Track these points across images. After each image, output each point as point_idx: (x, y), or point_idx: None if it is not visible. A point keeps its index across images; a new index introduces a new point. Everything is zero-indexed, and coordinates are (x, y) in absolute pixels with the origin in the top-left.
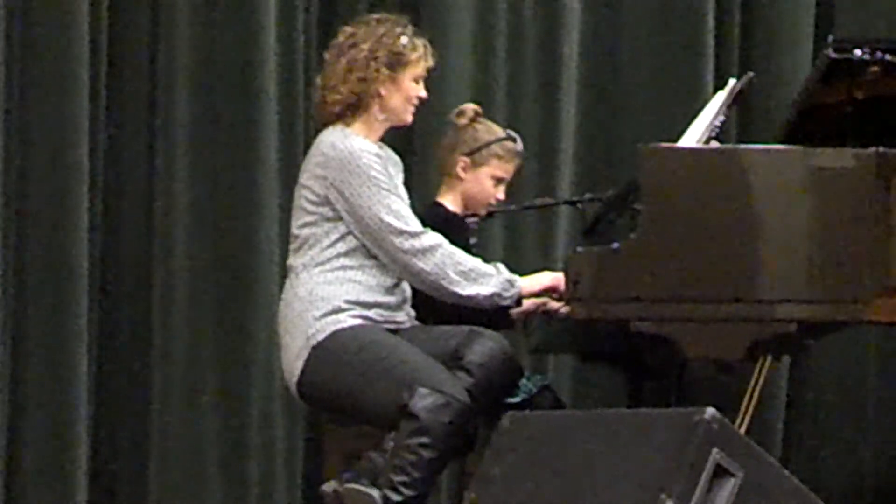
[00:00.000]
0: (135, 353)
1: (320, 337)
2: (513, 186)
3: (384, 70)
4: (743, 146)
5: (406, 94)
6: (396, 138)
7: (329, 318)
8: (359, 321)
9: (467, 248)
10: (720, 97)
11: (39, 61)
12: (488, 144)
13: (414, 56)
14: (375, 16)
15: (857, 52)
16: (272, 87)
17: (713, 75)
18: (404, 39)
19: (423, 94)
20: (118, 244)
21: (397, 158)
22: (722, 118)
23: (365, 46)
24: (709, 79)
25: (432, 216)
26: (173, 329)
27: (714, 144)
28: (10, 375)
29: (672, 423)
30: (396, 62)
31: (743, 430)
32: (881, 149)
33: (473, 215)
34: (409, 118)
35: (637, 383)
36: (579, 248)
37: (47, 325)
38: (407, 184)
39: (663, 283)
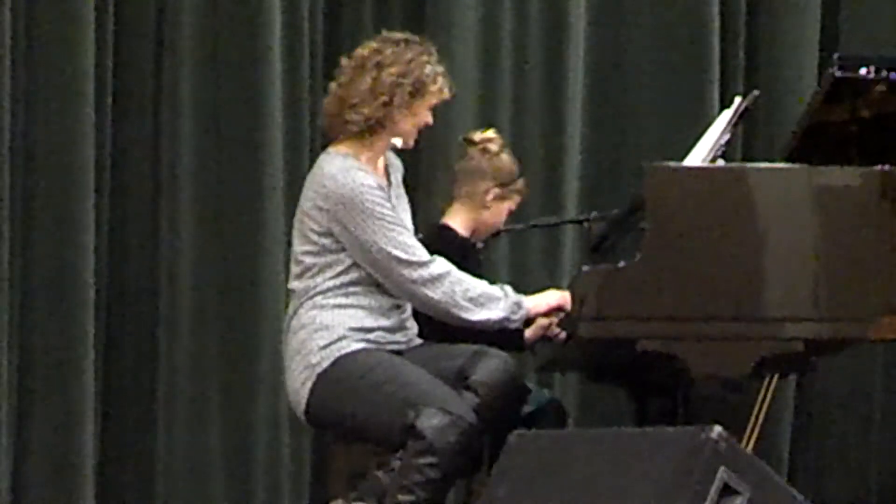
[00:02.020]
0: (140, 371)
1: (325, 365)
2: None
3: (407, 98)
4: (748, 165)
5: (418, 121)
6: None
7: (333, 347)
8: (362, 345)
9: (478, 272)
10: (725, 116)
11: (44, 73)
12: (516, 179)
13: (435, 88)
14: (401, 36)
15: (862, 70)
16: (277, 102)
17: (718, 94)
18: (428, 69)
19: (430, 121)
20: (124, 260)
21: (398, 163)
22: (727, 137)
23: (393, 70)
24: (714, 97)
25: (443, 240)
26: (179, 346)
27: (719, 163)
28: (17, 391)
29: (678, 442)
30: (418, 91)
31: (749, 448)
32: (886, 167)
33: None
34: (412, 144)
35: (643, 402)
36: (585, 267)
37: (53, 339)
38: (412, 192)
39: (669, 301)
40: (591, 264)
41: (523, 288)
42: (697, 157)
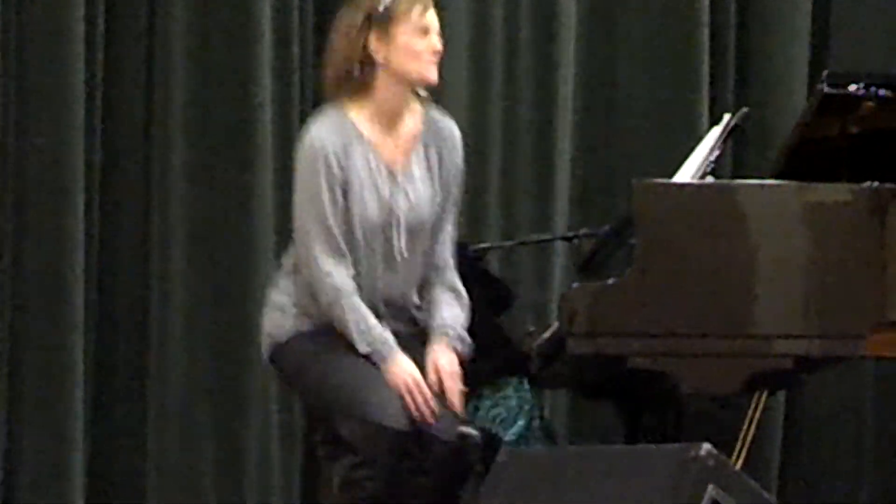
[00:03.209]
0: (131, 383)
1: (280, 339)
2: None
3: (371, 34)
4: (738, 181)
5: (409, 49)
6: None
7: (280, 329)
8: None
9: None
10: (715, 132)
11: (34, 75)
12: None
13: (402, 8)
14: None
15: (852, 86)
16: (267, 110)
17: (708, 111)
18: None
19: (438, 46)
20: (114, 273)
21: (449, 132)
22: (717, 153)
23: (345, 19)
24: (704, 114)
25: None
26: (169, 354)
27: (709, 180)
28: (6, 401)
29: (668, 459)
30: (381, 20)
31: (739, 464)
32: (876, 183)
33: None
34: (430, 75)
35: (634, 418)
36: (575, 284)
37: (43, 351)
38: None
39: (659, 318)
40: (581, 281)
41: (514, 305)
42: (687, 173)
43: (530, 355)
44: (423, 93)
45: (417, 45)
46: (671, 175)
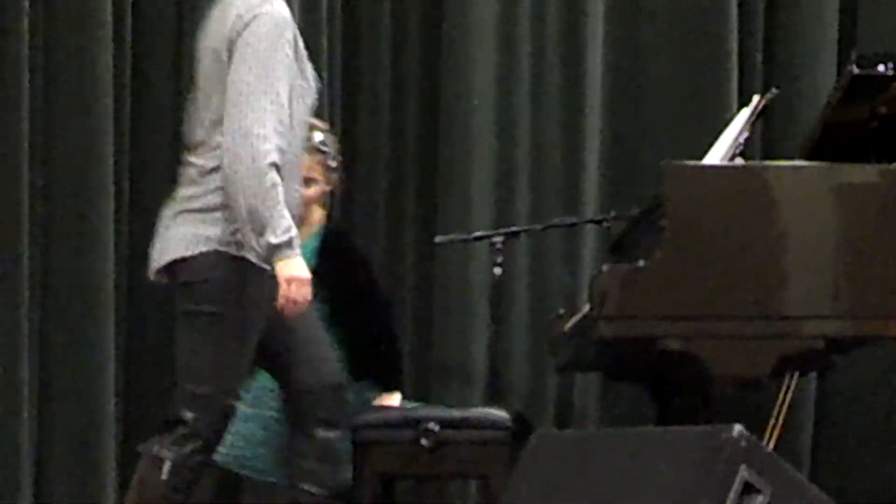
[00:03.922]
0: (160, 375)
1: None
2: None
3: None
4: (767, 163)
5: None
6: (420, 163)
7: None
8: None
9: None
10: (744, 114)
11: (64, 82)
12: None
13: None
14: None
15: (881, 67)
16: None
17: (737, 92)
18: None
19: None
20: (143, 266)
21: None
22: (746, 135)
23: None
24: (733, 95)
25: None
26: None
27: (738, 161)
28: (37, 395)
29: (699, 441)
30: None
31: (771, 446)
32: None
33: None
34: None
35: (664, 401)
36: (605, 267)
37: (74, 344)
38: (431, 209)
39: (688, 300)
40: (611, 264)
41: (544, 288)
42: (716, 155)
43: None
44: None
45: None
46: (700, 157)
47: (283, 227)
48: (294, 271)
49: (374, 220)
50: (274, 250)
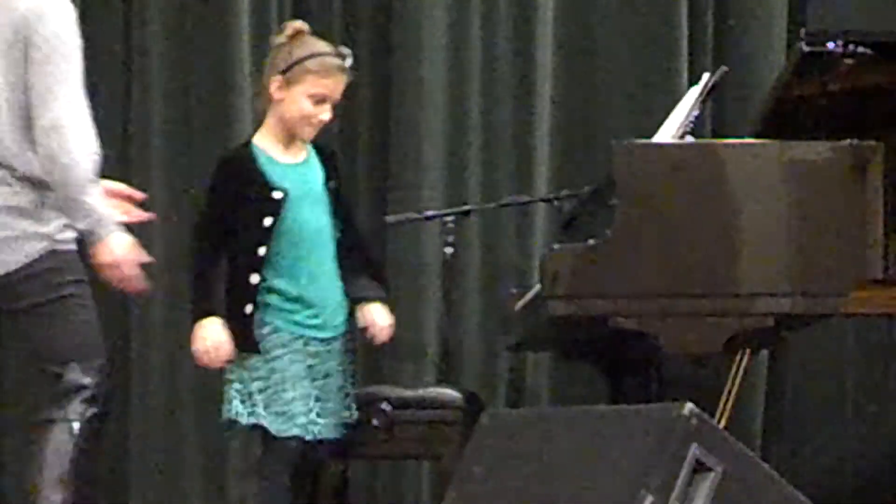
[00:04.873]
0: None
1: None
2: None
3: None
4: (718, 141)
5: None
6: (371, 142)
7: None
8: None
9: (264, 188)
10: (694, 92)
11: None
12: (301, 60)
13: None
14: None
15: (830, 44)
16: (246, 104)
17: (687, 70)
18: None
19: (326, 116)
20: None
21: None
22: (696, 113)
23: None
24: (683, 74)
25: (221, 157)
26: (151, 354)
27: (689, 139)
28: None
29: (651, 419)
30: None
31: (722, 424)
32: (856, 141)
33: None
34: (305, 135)
35: (616, 380)
36: (556, 245)
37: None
38: (382, 188)
39: (640, 278)
40: (562, 242)
41: (496, 267)
42: (666, 133)
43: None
44: None
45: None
46: (651, 135)
47: (105, 213)
48: (110, 255)
49: None
50: (91, 235)
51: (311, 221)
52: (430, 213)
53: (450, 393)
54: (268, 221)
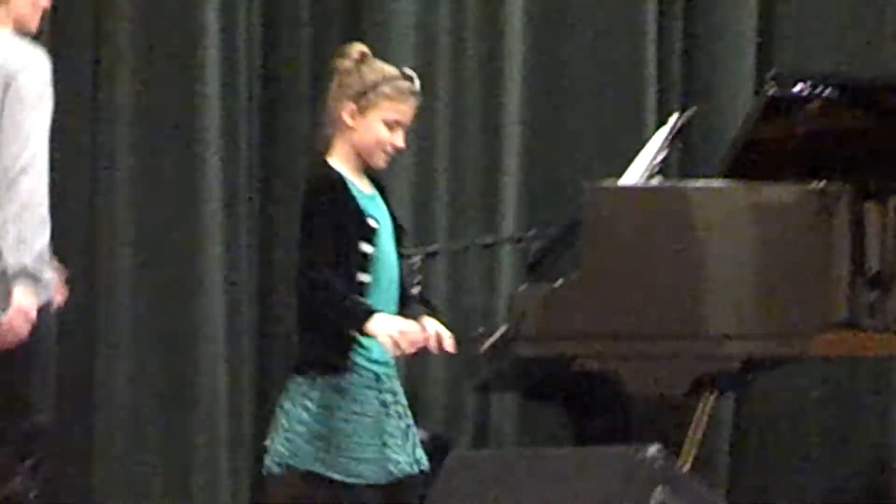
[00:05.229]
0: (78, 382)
1: None
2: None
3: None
4: (685, 183)
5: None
6: None
7: None
8: None
9: (360, 215)
10: (662, 133)
11: None
12: (375, 85)
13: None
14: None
15: (798, 87)
16: (215, 115)
17: (656, 111)
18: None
19: (400, 143)
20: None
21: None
22: (664, 154)
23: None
24: (651, 115)
25: (318, 179)
26: (117, 357)
27: (657, 180)
28: None
29: (616, 461)
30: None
31: (688, 465)
32: (823, 183)
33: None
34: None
35: (582, 421)
36: (523, 286)
37: None
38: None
39: (606, 319)
40: (529, 282)
41: (461, 307)
42: (634, 174)
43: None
44: None
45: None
46: (619, 175)
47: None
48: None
49: (291, 237)
50: (22, 279)
51: (390, 253)
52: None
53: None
54: (367, 248)
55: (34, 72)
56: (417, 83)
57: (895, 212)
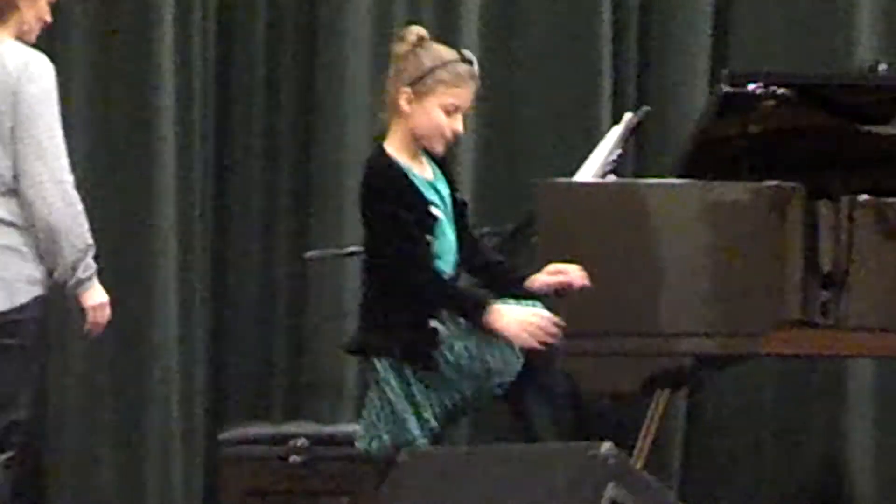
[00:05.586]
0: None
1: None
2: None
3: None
4: (639, 180)
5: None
6: (294, 177)
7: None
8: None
9: (422, 204)
10: (616, 131)
11: None
12: (432, 70)
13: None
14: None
15: (751, 85)
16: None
17: (610, 110)
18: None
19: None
20: None
21: None
22: (619, 152)
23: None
24: (605, 113)
25: (378, 174)
26: (69, 354)
27: (611, 178)
28: None
29: (568, 458)
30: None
31: (640, 463)
32: (776, 182)
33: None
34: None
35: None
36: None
37: None
38: (305, 223)
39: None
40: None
41: None
42: (588, 172)
43: None
44: None
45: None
46: (573, 174)
47: (91, 263)
48: (99, 298)
49: (247, 234)
50: (83, 283)
51: (450, 237)
52: (350, 249)
53: None
54: (430, 238)
55: (44, 78)
56: (476, 66)
57: (847, 210)
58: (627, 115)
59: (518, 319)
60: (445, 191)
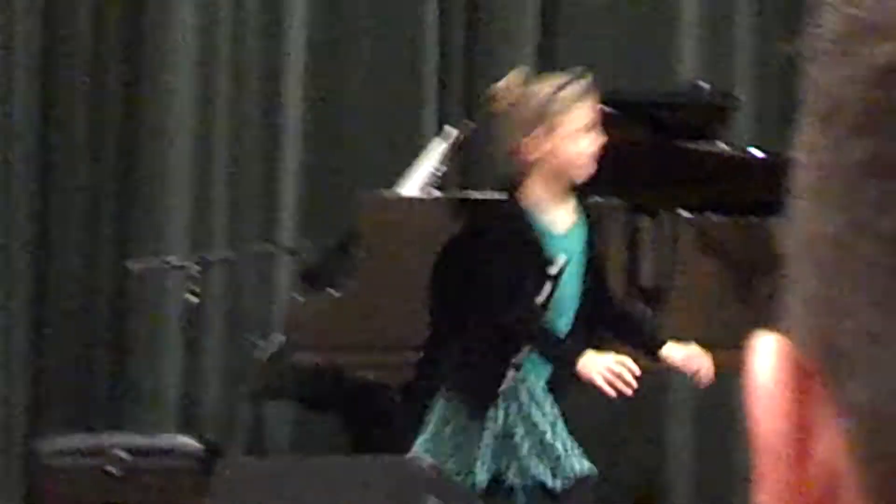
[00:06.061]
0: None
1: None
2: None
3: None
4: (460, 194)
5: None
6: (117, 185)
7: None
8: None
9: (542, 263)
10: (438, 144)
11: None
12: (551, 100)
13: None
14: None
15: None
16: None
17: (436, 123)
18: None
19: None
20: None
21: None
22: (444, 168)
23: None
24: (431, 126)
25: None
26: None
27: (434, 192)
28: None
29: (388, 470)
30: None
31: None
32: (596, 199)
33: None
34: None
35: (359, 430)
36: (298, 296)
37: None
38: (127, 232)
39: (381, 330)
40: (307, 294)
41: (239, 315)
42: (411, 186)
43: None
44: None
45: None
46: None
47: None
48: None
49: (69, 242)
50: None
51: (570, 287)
52: (173, 261)
53: (188, 441)
54: (540, 299)
55: None
56: (587, 78)
57: (668, 227)
58: (447, 129)
59: (599, 362)
60: (582, 239)
